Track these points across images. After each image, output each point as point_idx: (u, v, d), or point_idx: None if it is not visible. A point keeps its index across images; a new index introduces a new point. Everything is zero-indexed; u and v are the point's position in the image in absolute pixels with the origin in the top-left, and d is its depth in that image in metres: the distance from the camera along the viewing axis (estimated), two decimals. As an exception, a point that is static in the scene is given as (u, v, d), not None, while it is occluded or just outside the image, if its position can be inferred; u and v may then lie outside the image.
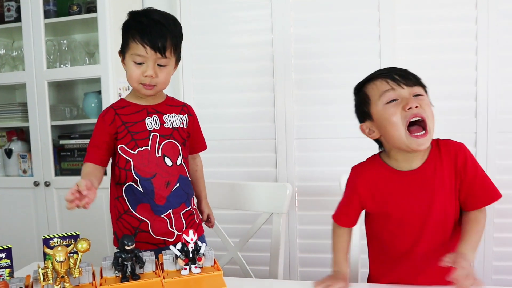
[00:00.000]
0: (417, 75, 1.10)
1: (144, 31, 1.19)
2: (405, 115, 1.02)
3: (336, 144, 2.20)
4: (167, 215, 1.27)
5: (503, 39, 2.06)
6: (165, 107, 1.32)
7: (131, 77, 1.23)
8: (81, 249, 0.83)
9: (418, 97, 1.04)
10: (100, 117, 1.28)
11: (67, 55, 2.39)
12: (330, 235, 1.26)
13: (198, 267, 0.89)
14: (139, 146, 1.25)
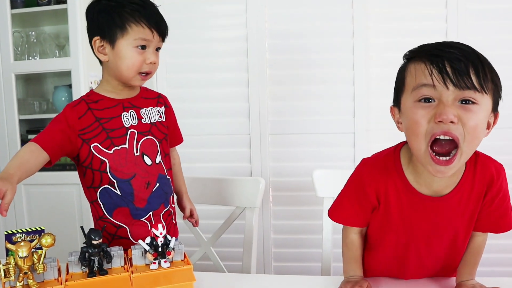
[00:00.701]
0: (491, 72, 0.80)
1: (148, 12, 1.11)
2: (432, 128, 0.77)
3: (309, 139, 2.22)
4: (147, 218, 1.18)
5: (471, 38, 2.11)
6: (141, 101, 1.21)
7: (131, 65, 1.10)
8: (45, 244, 0.80)
9: (465, 105, 0.77)
10: (68, 107, 1.13)
11: (36, 47, 2.32)
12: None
13: (168, 262, 0.88)
14: (116, 144, 1.14)
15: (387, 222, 0.95)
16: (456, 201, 0.88)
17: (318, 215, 2.03)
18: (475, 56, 0.78)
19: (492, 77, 0.79)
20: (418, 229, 0.93)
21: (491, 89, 0.79)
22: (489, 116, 0.82)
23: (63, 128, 1.10)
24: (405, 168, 0.90)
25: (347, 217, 1.00)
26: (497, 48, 2.11)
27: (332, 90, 2.21)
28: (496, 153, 2.12)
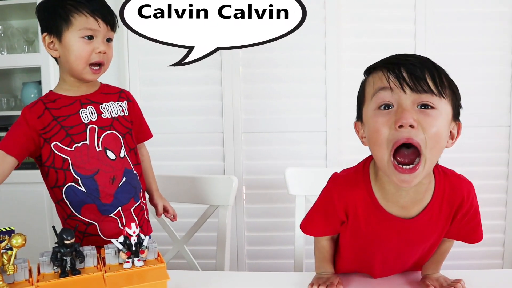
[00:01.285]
0: (447, 80, 0.81)
1: (91, 3, 1.11)
2: (393, 135, 0.76)
3: (282, 138, 2.24)
4: (117, 214, 1.18)
5: (438, 40, 2.19)
6: (100, 96, 1.21)
7: (79, 56, 1.10)
8: (16, 245, 0.80)
9: (424, 110, 0.76)
10: (26, 109, 1.14)
11: (3, 42, 2.26)
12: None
13: (141, 260, 0.89)
14: (76, 141, 1.14)
15: (356, 233, 0.96)
16: (425, 222, 0.88)
17: (290, 212, 2.06)
18: (431, 64, 0.80)
19: (449, 84, 0.81)
20: (387, 243, 0.94)
21: (449, 95, 0.80)
22: (450, 126, 0.83)
23: (25, 130, 1.12)
24: (373, 184, 0.90)
25: (317, 230, 1.02)
26: (463, 50, 2.20)
27: (304, 89, 2.24)
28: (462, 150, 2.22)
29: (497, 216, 2.30)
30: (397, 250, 0.95)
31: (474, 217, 0.92)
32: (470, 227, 0.94)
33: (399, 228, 0.89)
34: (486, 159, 2.27)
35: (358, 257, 1.03)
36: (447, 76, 0.81)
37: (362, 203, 0.90)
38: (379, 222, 0.89)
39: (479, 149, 2.25)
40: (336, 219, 0.95)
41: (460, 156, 2.21)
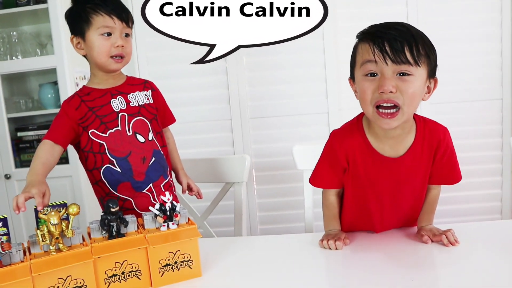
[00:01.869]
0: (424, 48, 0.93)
1: (106, 3, 1.24)
2: (376, 97, 0.94)
3: (287, 121, 2.39)
4: (149, 190, 1.32)
5: (430, 20, 2.31)
6: (127, 87, 1.35)
7: (101, 51, 1.24)
8: (72, 213, 0.94)
9: (403, 77, 0.92)
10: (65, 103, 1.30)
11: (18, 47, 2.38)
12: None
13: (175, 224, 1.02)
14: (109, 128, 1.28)
15: (357, 180, 1.11)
16: (410, 160, 1.05)
17: (299, 191, 2.20)
18: (410, 35, 0.93)
19: (426, 52, 0.95)
20: (382, 185, 1.09)
21: (425, 62, 0.95)
22: (426, 83, 0.98)
23: (66, 121, 1.28)
24: (367, 132, 1.07)
25: (325, 181, 1.18)
26: (453, 27, 2.34)
27: (305, 73, 2.37)
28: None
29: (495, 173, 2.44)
30: (391, 192, 1.09)
31: (451, 157, 1.08)
32: (449, 168, 1.10)
33: (390, 167, 1.05)
34: (481, 132, 2.40)
35: (359, 208, 1.16)
36: (424, 44, 0.95)
37: (359, 148, 1.06)
38: (374, 163, 1.06)
39: (474, 123, 2.39)
40: (339, 168, 1.11)
41: (456, 130, 2.33)
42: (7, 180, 2.30)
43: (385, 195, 1.12)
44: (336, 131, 1.15)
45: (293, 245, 1.18)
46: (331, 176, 1.15)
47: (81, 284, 0.90)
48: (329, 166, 1.14)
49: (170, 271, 0.99)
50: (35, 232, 0.93)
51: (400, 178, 1.08)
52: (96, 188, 1.35)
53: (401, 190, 1.10)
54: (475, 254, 1.02)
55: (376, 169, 1.07)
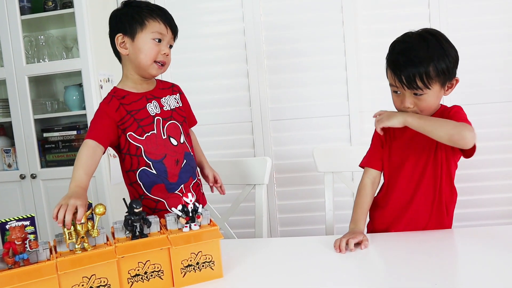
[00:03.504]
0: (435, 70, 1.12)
1: (164, 12, 1.30)
2: (400, 107, 1.20)
3: (308, 123, 2.38)
4: (180, 190, 1.35)
5: (453, 21, 2.28)
6: (160, 92, 1.38)
7: (149, 53, 1.27)
8: (98, 213, 0.96)
9: (418, 96, 1.15)
10: (104, 104, 1.30)
11: (45, 50, 2.45)
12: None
13: (197, 225, 1.03)
14: (146, 131, 1.31)
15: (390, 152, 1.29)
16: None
17: (319, 193, 2.20)
18: (422, 65, 1.12)
19: (437, 73, 1.13)
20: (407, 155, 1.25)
21: (436, 81, 1.14)
22: (442, 89, 1.18)
23: (108, 122, 1.28)
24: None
25: (367, 159, 1.34)
26: (473, 29, 2.29)
27: (326, 75, 2.36)
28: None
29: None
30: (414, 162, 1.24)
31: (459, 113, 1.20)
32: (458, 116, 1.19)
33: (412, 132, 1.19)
34: (502, 134, 2.34)
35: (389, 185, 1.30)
36: (436, 66, 1.13)
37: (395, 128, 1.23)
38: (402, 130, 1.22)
39: (495, 125, 2.33)
40: (379, 143, 1.32)
41: (482, 132, 2.29)
42: (33, 180, 2.36)
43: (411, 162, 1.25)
44: None
45: (314, 247, 1.18)
46: (373, 152, 1.34)
47: (105, 283, 0.92)
48: (373, 144, 1.35)
49: (191, 271, 1.00)
50: (62, 230, 0.95)
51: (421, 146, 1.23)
52: (131, 189, 1.37)
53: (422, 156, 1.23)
54: (498, 258, 1.00)
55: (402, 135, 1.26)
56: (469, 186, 2.34)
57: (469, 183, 2.33)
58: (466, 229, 1.24)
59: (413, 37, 1.17)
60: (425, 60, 1.12)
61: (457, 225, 1.27)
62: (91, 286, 0.90)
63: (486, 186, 2.34)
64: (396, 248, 1.13)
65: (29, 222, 0.94)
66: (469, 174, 2.32)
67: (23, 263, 0.89)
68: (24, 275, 0.86)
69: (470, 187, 2.34)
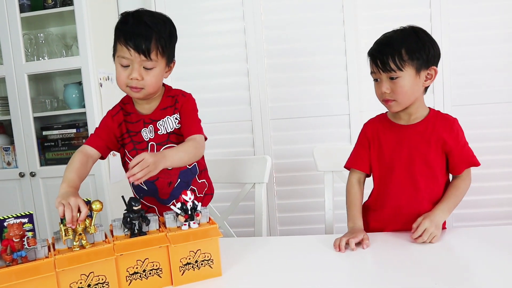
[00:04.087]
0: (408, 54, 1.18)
1: (128, 32, 1.15)
2: (381, 95, 1.25)
3: (308, 122, 2.37)
4: (172, 204, 1.27)
5: (454, 22, 2.27)
6: (159, 113, 1.28)
7: (118, 79, 1.20)
8: (95, 209, 0.95)
9: (393, 80, 1.20)
10: (110, 116, 1.29)
11: (44, 48, 2.44)
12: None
13: (196, 223, 1.03)
14: None
15: (379, 154, 1.30)
16: (422, 129, 1.25)
17: (319, 193, 2.19)
18: (394, 48, 1.19)
19: (411, 57, 1.18)
20: (399, 153, 1.26)
21: (409, 64, 1.19)
22: (417, 76, 1.20)
23: (110, 135, 1.29)
24: (390, 116, 1.33)
25: (352, 160, 1.37)
26: (474, 29, 2.28)
27: (326, 75, 2.36)
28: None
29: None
30: (405, 160, 1.25)
31: (462, 139, 1.25)
32: (463, 151, 1.25)
33: (403, 133, 1.26)
34: (506, 134, 2.33)
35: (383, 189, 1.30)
36: (409, 51, 1.19)
37: (381, 124, 1.32)
38: (390, 130, 1.29)
39: (499, 125, 2.32)
40: (365, 141, 1.34)
41: (479, 132, 2.30)
42: (32, 178, 2.35)
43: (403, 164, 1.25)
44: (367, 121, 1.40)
45: (313, 246, 1.18)
46: (358, 153, 1.35)
47: (103, 280, 0.91)
48: (359, 144, 1.36)
49: (190, 269, 1.00)
50: (59, 227, 0.95)
51: (413, 145, 1.25)
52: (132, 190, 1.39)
53: (415, 158, 1.24)
54: (498, 258, 1.00)
55: (392, 136, 1.29)
56: (471, 187, 2.33)
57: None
58: (466, 229, 1.24)
59: (392, 31, 1.27)
60: (397, 43, 1.20)
61: (458, 225, 1.27)
62: (89, 284, 0.90)
63: (488, 186, 2.34)
64: (396, 248, 1.13)
65: (27, 219, 0.94)
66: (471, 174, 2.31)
67: (21, 261, 0.89)
68: (22, 273, 0.86)
69: (472, 187, 2.33)
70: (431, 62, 1.22)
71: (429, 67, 1.22)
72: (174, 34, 1.26)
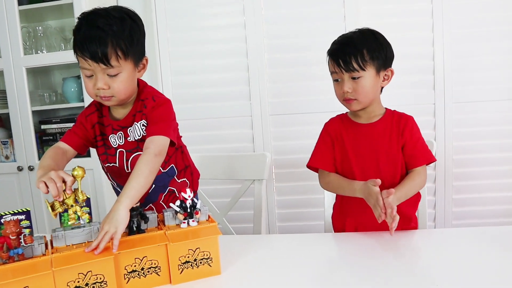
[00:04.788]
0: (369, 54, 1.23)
1: (82, 41, 1.05)
2: (342, 95, 1.28)
3: (307, 118, 2.36)
4: (149, 208, 1.29)
5: (456, 18, 2.25)
6: (130, 120, 1.21)
7: (87, 90, 1.13)
8: (78, 175, 0.98)
9: (355, 80, 1.24)
10: (83, 116, 1.25)
11: (43, 41, 2.42)
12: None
13: (195, 221, 1.02)
14: (109, 161, 1.25)
15: (343, 152, 1.33)
16: (382, 128, 1.30)
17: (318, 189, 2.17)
18: (356, 49, 1.23)
19: (372, 57, 1.23)
20: (362, 151, 1.30)
21: (370, 64, 1.24)
22: (381, 75, 1.27)
23: (84, 132, 1.25)
24: (350, 115, 1.37)
25: (316, 159, 1.38)
26: (476, 25, 2.26)
27: (327, 71, 2.32)
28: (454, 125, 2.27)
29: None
30: (371, 158, 1.29)
31: (418, 135, 1.29)
32: (420, 148, 1.28)
33: (365, 131, 1.31)
34: (506, 132, 2.32)
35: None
36: (369, 51, 1.23)
37: (342, 123, 1.36)
38: (352, 129, 1.33)
39: (493, 123, 2.31)
40: (328, 140, 1.36)
41: (480, 130, 2.29)
42: (30, 172, 2.34)
43: (367, 161, 1.29)
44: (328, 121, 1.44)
45: (313, 245, 1.17)
46: (323, 153, 1.36)
47: (101, 279, 0.90)
48: (323, 144, 1.37)
49: (189, 268, 0.99)
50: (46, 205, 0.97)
51: (374, 144, 1.29)
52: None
53: (379, 156, 1.28)
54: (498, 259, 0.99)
55: (355, 135, 1.32)
56: (467, 184, 2.33)
57: (468, 181, 2.32)
58: (467, 229, 1.23)
59: (351, 32, 1.31)
60: (359, 43, 1.24)
61: (458, 223, 1.26)
62: (87, 283, 0.89)
63: (488, 184, 2.33)
64: (395, 248, 1.12)
65: (24, 216, 0.93)
66: (468, 172, 2.31)
67: (17, 258, 0.88)
68: (19, 271, 0.85)
69: (472, 185, 2.33)
70: (388, 63, 1.28)
71: (386, 68, 1.28)
72: (137, 30, 1.13)
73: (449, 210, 2.35)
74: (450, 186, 2.34)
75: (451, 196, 2.35)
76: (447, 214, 2.35)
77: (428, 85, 2.31)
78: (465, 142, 2.30)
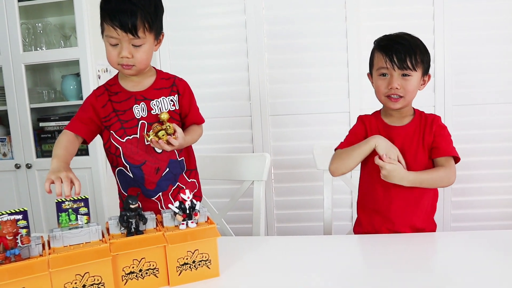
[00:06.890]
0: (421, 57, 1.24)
1: (113, 12, 1.14)
2: (387, 91, 1.27)
3: (307, 119, 2.35)
4: (157, 198, 1.31)
5: (457, 21, 2.25)
6: (153, 92, 1.28)
7: (109, 58, 1.20)
8: (164, 118, 1.16)
9: (405, 77, 1.25)
10: (94, 96, 1.28)
11: (42, 38, 2.40)
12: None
13: (194, 223, 1.01)
14: (128, 134, 1.26)
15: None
16: (412, 130, 1.31)
17: (317, 190, 2.18)
18: (411, 48, 1.24)
19: (421, 59, 1.26)
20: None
21: (420, 66, 1.26)
22: (421, 79, 1.29)
23: (91, 115, 1.27)
24: (382, 115, 1.38)
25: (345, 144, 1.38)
26: (477, 28, 2.26)
27: (327, 72, 2.33)
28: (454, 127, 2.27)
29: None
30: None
31: (444, 130, 1.32)
32: (445, 140, 1.29)
33: (397, 134, 1.32)
34: (506, 135, 2.32)
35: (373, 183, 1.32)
36: (419, 54, 1.25)
37: (375, 122, 1.37)
38: (385, 130, 1.34)
39: (498, 125, 2.31)
40: (363, 134, 1.37)
41: (479, 133, 2.28)
42: (28, 170, 2.33)
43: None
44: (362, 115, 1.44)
45: (311, 247, 1.17)
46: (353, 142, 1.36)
47: (99, 281, 0.89)
48: (353, 134, 1.39)
49: (187, 270, 0.98)
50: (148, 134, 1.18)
51: (405, 144, 1.29)
52: (116, 181, 1.35)
53: (407, 158, 1.27)
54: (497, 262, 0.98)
55: (387, 134, 1.32)
56: (466, 187, 2.33)
57: (467, 183, 2.32)
58: (466, 232, 1.22)
59: (400, 32, 1.31)
60: (413, 44, 1.26)
61: (457, 225, 1.25)
62: (84, 284, 0.88)
63: (488, 187, 2.33)
64: (395, 250, 1.12)
65: (21, 216, 0.91)
66: (467, 175, 2.30)
67: (14, 259, 0.87)
68: (15, 271, 0.84)
69: (471, 187, 2.33)
70: (428, 69, 1.32)
71: (427, 73, 1.31)
72: (160, 6, 1.25)
73: (448, 212, 2.35)
74: (449, 188, 2.33)
75: (450, 199, 2.35)
76: (446, 216, 2.35)
77: (428, 87, 2.28)
78: (465, 145, 2.29)
